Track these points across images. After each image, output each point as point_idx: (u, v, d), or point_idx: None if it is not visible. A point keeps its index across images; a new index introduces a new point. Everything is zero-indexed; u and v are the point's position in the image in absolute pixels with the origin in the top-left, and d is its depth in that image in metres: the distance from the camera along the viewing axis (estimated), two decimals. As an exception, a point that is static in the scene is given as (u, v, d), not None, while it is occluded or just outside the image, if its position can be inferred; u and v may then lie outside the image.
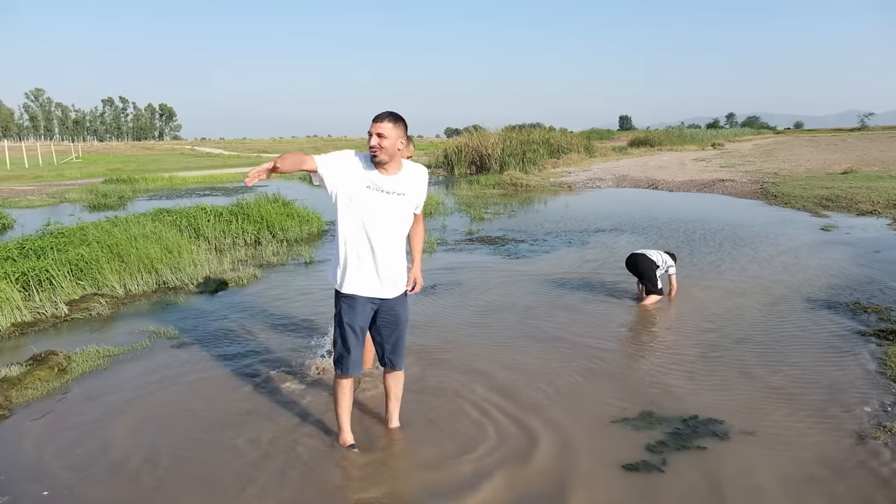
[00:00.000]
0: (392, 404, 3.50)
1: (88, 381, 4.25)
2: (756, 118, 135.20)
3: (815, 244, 8.44)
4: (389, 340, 3.28)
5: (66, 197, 17.45)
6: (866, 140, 46.67)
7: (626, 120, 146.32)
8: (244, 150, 63.54)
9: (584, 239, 9.42)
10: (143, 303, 6.26)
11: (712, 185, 16.91)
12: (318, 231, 10.43)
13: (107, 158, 46.53)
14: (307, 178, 23.40)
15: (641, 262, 5.90)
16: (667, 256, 5.99)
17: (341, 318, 3.13)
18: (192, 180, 23.19)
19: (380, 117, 2.94)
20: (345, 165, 2.97)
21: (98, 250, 6.93)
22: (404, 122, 2.99)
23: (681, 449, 3.19)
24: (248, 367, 4.45)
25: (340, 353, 3.18)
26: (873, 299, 5.74)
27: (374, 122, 2.92)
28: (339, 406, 3.28)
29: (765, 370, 4.21)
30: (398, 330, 3.27)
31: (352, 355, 3.15)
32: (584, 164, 26.44)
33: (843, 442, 3.24)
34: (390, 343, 3.29)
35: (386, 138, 2.90)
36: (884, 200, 12.15)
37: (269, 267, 7.78)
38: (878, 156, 26.06)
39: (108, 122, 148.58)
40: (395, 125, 2.93)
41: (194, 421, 3.68)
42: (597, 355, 4.57)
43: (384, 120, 2.92)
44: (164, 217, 9.42)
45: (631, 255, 6.05)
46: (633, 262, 5.97)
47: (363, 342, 3.23)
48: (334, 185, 2.97)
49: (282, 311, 5.87)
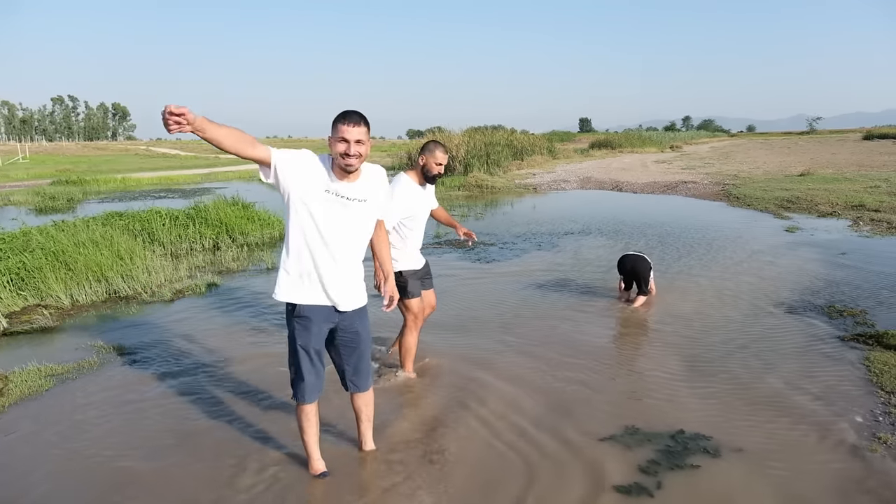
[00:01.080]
0: (364, 426, 3.21)
1: (24, 408, 3.85)
2: (711, 121, 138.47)
3: (783, 246, 8.47)
4: (350, 362, 2.98)
5: (11, 199, 16.58)
6: (816, 143, 48.16)
7: (586, 122, 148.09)
8: (201, 150, 61.88)
9: (553, 241, 9.28)
10: (91, 314, 5.83)
11: (675, 186, 17.07)
12: (279, 235, 10.02)
13: (56, 159, 44.67)
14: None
15: (639, 263, 5.83)
16: None
17: (294, 342, 2.81)
18: (147, 182, 22.36)
19: (355, 120, 2.59)
20: (304, 165, 2.62)
21: (42, 257, 6.45)
22: None
23: (674, 468, 3.01)
24: (205, 386, 4.12)
25: (294, 380, 2.88)
26: (848, 302, 5.71)
27: (350, 126, 2.57)
28: (304, 434, 2.98)
29: (747, 380, 4.08)
30: (358, 350, 2.96)
31: (306, 381, 2.83)
32: (548, 166, 26.50)
33: (838, 456, 3.11)
34: (351, 365, 2.99)
35: (364, 144, 2.61)
36: (842, 202, 12.38)
37: (229, 273, 7.40)
38: (830, 158, 26.81)
39: (57, 121, 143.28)
40: (368, 129, 2.64)
41: (138, 456, 3.34)
42: (576, 366, 4.39)
43: (361, 123, 2.60)
44: (116, 221, 8.92)
45: (626, 256, 5.96)
46: (629, 263, 5.88)
47: (320, 367, 2.89)
48: (289, 185, 2.60)
49: (242, 321, 5.53)
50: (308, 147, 3.51)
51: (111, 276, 6.58)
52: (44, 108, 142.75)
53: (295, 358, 2.83)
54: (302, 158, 2.62)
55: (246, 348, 4.84)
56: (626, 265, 5.90)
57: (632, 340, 5.04)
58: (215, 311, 5.84)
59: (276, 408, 3.77)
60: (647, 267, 5.82)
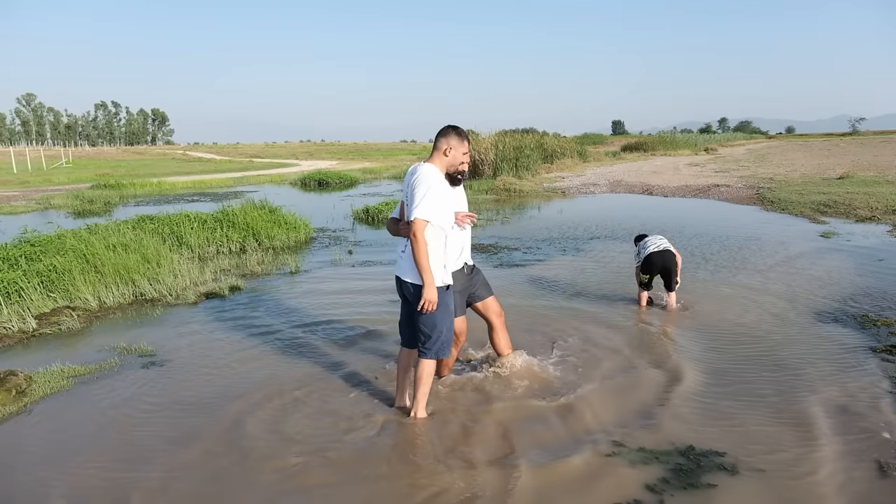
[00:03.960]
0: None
1: (45, 407, 3.94)
2: (748, 123, 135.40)
3: (817, 252, 8.21)
4: None
5: (52, 203, 17.09)
6: (858, 145, 46.71)
7: (619, 125, 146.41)
8: (236, 154, 63.03)
9: (578, 246, 9.16)
10: (118, 316, 5.96)
11: (707, 190, 16.72)
12: (305, 238, 10.14)
13: (97, 163, 46.03)
14: (298, 183, 23.09)
15: (670, 259, 5.63)
16: None
17: (451, 310, 3.46)
18: (182, 186, 22.84)
19: (466, 136, 3.44)
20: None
21: (72, 260, 6.62)
22: None
23: (687, 488, 2.90)
24: (223, 391, 4.16)
25: (447, 342, 3.49)
26: (882, 311, 5.49)
27: (466, 142, 3.45)
28: (430, 385, 3.57)
29: (769, 392, 3.94)
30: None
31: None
32: (578, 170, 26.24)
33: (865, 474, 2.98)
34: None
35: None
36: (882, 206, 11.96)
37: (253, 277, 7.49)
38: (872, 160, 25.97)
39: (100, 126, 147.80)
40: None
41: (143, 467, 3.38)
42: (586, 374, 4.30)
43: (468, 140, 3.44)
44: (146, 225, 9.12)
45: (657, 252, 5.67)
46: (659, 261, 5.63)
47: None
48: None
49: (263, 324, 5.58)
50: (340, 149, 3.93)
51: (138, 278, 6.71)
52: (87, 114, 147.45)
53: (450, 324, 3.46)
54: (445, 190, 3.37)
55: (263, 349, 4.88)
56: (657, 263, 5.63)
57: (643, 349, 4.89)
58: (236, 314, 5.90)
59: (297, 415, 3.78)
60: (676, 260, 5.64)
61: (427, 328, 3.40)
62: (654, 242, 5.85)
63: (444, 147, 3.41)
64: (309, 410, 3.81)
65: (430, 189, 3.23)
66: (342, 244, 9.75)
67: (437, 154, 3.43)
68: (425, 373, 3.48)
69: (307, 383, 4.21)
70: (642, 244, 5.96)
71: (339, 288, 6.85)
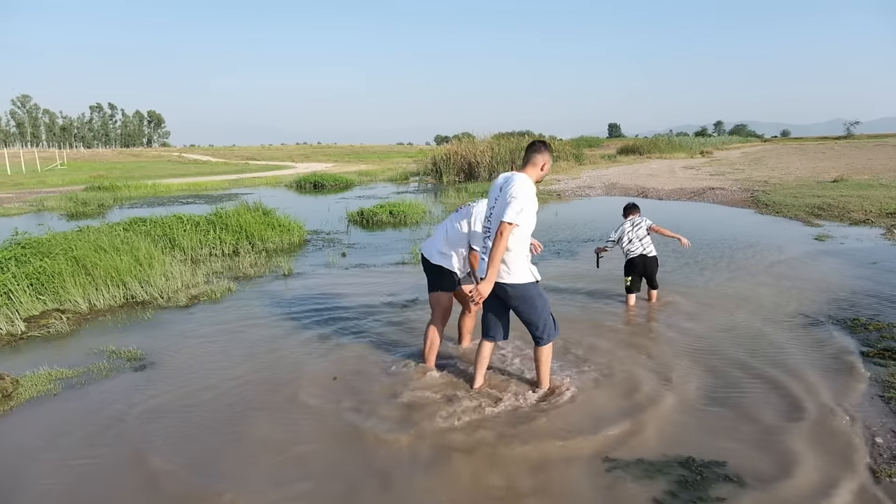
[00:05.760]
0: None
1: (30, 411, 3.91)
2: (744, 126, 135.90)
3: (811, 255, 8.21)
4: None
5: (45, 205, 17.04)
6: (853, 148, 46.84)
7: (615, 128, 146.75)
8: (232, 157, 62.90)
9: (572, 249, 9.16)
10: (108, 319, 5.91)
11: (703, 193, 16.74)
12: (298, 241, 10.10)
13: (92, 165, 45.89)
14: (293, 186, 23.05)
15: (651, 264, 5.92)
16: None
17: (546, 299, 3.86)
18: (177, 188, 22.78)
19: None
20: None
21: (62, 262, 6.57)
22: None
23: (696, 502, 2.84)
24: (212, 396, 4.12)
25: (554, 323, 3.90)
26: (875, 315, 5.48)
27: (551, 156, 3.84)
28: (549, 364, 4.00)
29: (761, 398, 3.92)
30: None
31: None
32: (574, 172, 26.26)
33: (856, 477, 2.96)
34: None
35: None
36: (876, 209, 11.98)
37: (246, 279, 7.45)
38: (866, 164, 26.05)
39: (95, 128, 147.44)
40: None
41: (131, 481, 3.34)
42: (575, 383, 4.28)
43: None
44: (139, 227, 9.08)
45: (639, 257, 5.89)
46: (641, 265, 5.90)
47: None
48: None
49: (254, 327, 5.54)
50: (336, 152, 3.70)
51: (129, 281, 6.67)
52: (83, 116, 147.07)
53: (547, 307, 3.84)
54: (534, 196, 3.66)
55: (255, 352, 4.85)
56: (638, 266, 5.91)
57: (634, 354, 4.87)
58: (227, 317, 5.86)
59: (282, 408, 3.76)
60: (657, 263, 5.91)
61: (535, 321, 3.80)
62: (637, 241, 5.93)
63: (541, 162, 3.78)
64: (295, 416, 3.78)
65: (527, 198, 3.59)
66: (336, 247, 9.72)
67: (534, 168, 3.77)
68: (546, 356, 3.95)
69: (302, 386, 4.18)
70: (623, 232, 6.05)
71: (332, 290, 6.81)
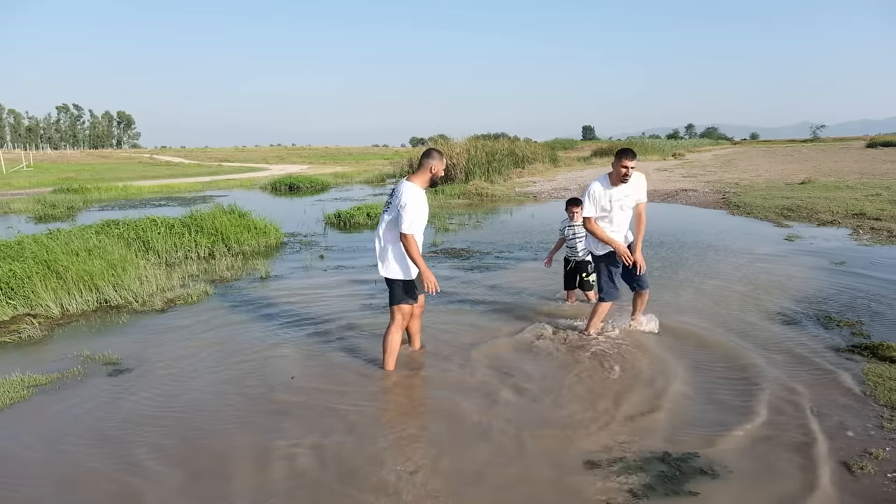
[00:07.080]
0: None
1: (2, 418, 3.82)
2: (714, 129, 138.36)
3: (782, 255, 8.40)
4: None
5: (12, 207, 16.63)
6: (819, 151, 48.03)
7: (590, 130, 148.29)
8: (205, 158, 62.01)
9: (549, 249, 9.20)
10: (81, 324, 5.79)
11: (675, 194, 17.00)
12: (275, 243, 10.02)
13: (60, 167, 44.84)
14: (268, 188, 22.83)
15: (582, 263, 6.15)
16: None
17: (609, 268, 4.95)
18: (149, 190, 22.41)
19: (632, 156, 4.76)
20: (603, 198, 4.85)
21: (32, 266, 6.42)
22: None
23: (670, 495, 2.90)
24: (189, 401, 4.07)
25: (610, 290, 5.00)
26: (845, 312, 5.63)
27: (628, 159, 4.72)
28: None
29: (734, 392, 4.01)
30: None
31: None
32: (549, 174, 26.49)
33: (828, 471, 3.04)
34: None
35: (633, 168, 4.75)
36: (842, 210, 12.30)
37: (222, 282, 7.36)
38: (832, 166, 26.72)
39: (63, 129, 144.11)
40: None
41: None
42: (549, 387, 4.32)
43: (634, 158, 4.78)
44: (111, 230, 8.91)
45: (570, 259, 6.26)
46: (572, 263, 6.23)
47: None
48: None
49: (230, 331, 5.48)
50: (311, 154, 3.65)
51: (102, 284, 6.54)
52: (49, 117, 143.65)
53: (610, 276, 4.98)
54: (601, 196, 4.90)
55: (231, 356, 4.79)
56: (570, 265, 6.22)
57: (612, 357, 4.94)
58: (204, 321, 5.79)
59: (262, 412, 3.72)
60: (589, 263, 6.04)
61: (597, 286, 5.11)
62: (580, 243, 6.06)
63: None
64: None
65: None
66: (313, 249, 9.66)
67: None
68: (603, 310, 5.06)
69: (280, 389, 4.15)
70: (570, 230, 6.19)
71: (310, 292, 6.77)
